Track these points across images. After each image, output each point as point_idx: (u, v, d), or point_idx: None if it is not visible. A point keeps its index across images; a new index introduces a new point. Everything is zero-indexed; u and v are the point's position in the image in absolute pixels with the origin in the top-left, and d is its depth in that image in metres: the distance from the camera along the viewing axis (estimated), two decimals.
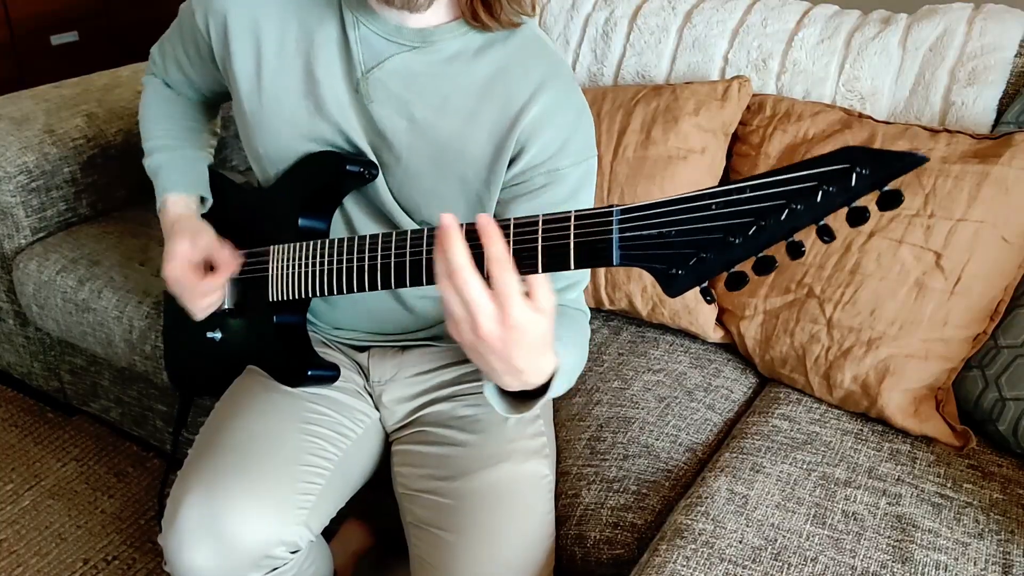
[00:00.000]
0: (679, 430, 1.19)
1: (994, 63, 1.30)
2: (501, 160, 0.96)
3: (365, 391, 1.13)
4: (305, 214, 1.00)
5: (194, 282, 1.02)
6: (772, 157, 1.33)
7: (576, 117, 0.98)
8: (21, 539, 1.52)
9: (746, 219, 0.65)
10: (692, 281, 0.68)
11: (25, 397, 1.86)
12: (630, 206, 0.70)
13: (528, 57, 0.97)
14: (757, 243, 0.65)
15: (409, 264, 0.84)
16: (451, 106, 0.96)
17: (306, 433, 1.02)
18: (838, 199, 0.62)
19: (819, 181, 0.62)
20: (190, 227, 1.05)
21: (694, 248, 0.67)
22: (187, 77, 1.15)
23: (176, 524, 0.94)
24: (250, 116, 1.02)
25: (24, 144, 1.55)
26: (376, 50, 0.96)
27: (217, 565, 0.93)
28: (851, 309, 1.21)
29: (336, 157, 0.98)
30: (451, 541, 0.97)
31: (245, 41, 1.00)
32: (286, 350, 1.05)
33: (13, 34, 2.38)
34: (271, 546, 0.94)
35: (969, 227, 1.17)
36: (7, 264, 1.61)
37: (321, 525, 1.02)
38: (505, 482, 1.00)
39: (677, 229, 0.67)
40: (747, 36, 1.45)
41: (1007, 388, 1.13)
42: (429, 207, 1.00)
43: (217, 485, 0.94)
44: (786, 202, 0.63)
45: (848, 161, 0.61)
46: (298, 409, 1.04)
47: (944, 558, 0.97)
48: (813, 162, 0.63)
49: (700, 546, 0.96)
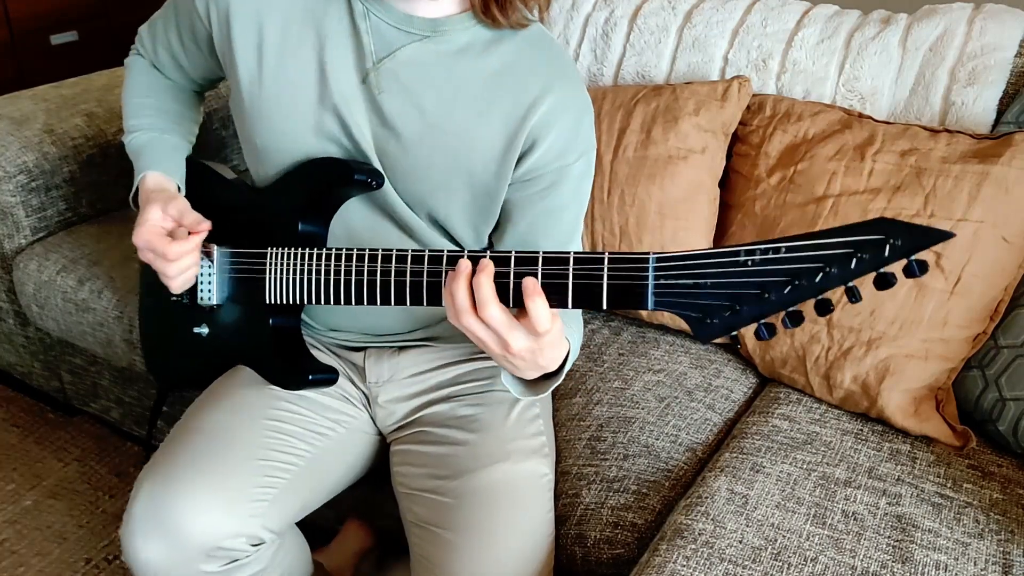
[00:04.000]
0: (679, 430, 1.19)
1: (994, 63, 1.30)
2: (511, 155, 0.97)
3: (357, 392, 1.12)
4: (305, 219, 1.00)
5: (165, 246, 0.97)
6: (772, 157, 1.33)
7: (582, 112, 1.00)
8: (23, 539, 1.52)
9: (782, 277, 0.69)
10: (724, 330, 0.73)
11: (25, 397, 1.86)
12: (666, 255, 0.74)
13: (537, 53, 0.99)
14: (790, 300, 0.70)
15: (426, 284, 0.87)
16: (461, 98, 0.97)
17: (272, 430, 1.02)
18: (870, 266, 0.67)
19: (854, 248, 0.67)
20: (163, 196, 1.02)
21: (729, 300, 0.72)
22: (176, 62, 1.12)
23: (129, 515, 0.94)
24: (249, 106, 1.00)
25: (24, 144, 1.55)
26: (387, 40, 0.96)
27: (167, 556, 0.92)
28: (851, 309, 1.21)
29: (344, 165, 0.98)
30: (451, 540, 0.97)
31: (248, 29, 0.98)
32: (282, 353, 1.04)
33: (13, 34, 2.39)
34: (220, 538, 0.93)
35: (969, 227, 1.17)
36: (7, 264, 1.61)
37: (285, 521, 1.01)
38: (505, 481, 1.00)
39: (713, 280, 0.72)
40: (747, 36, 1.45)
41: (1007, 388, 1.13)
42: (435, 199, 1.00)
43: (170, 477, 0.94)
44: (823, 265, 0.68)
45: (883, 232, 0.66)
46: (267, 407, 1.04)
47: (944, 558, 0.97)
48: (850, 229, 0.67)
49: (700, 546, 0.97)
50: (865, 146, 1.26)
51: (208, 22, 1.01)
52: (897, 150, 1.24)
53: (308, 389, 1.06)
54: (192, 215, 1.00)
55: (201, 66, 1.11)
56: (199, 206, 1.06)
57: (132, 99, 1.14)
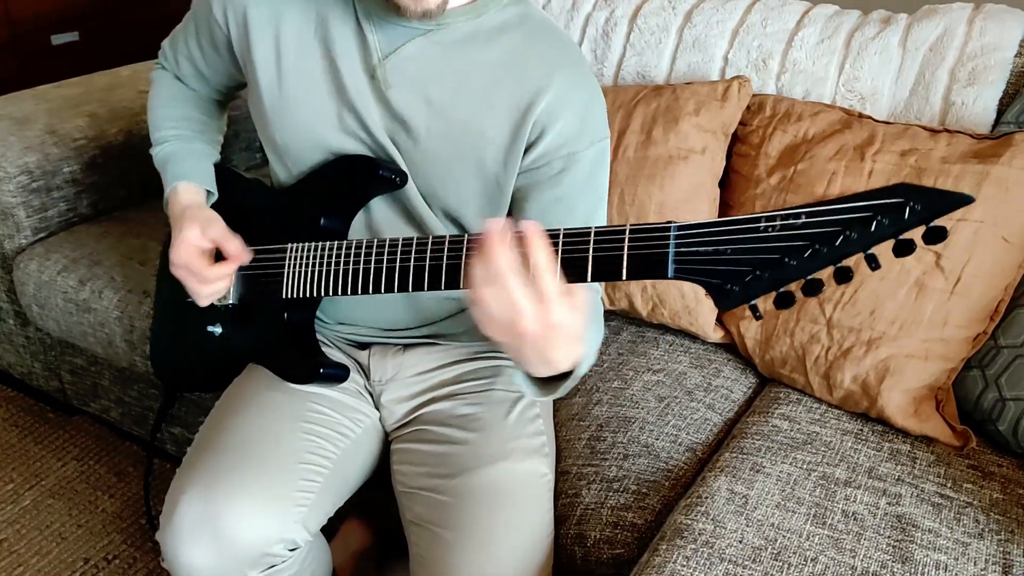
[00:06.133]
0: (679, 430, 1.19)
1: (994, 63, 1.30)
2: (518, 144, 0.98)
3: (365, 391, 1.13)
4: (328, 214, 1.01)
5: (201, 267, 1.02)
6: (772, 157, 1.33)
7: (590, 99, 1.00)
8: (22, 538, 1.52)
9: (802, 242, 0.69)
10: (744, 297, 0.72)
11: (25, 397, 1.86)
12: (688, 223, 0.74)
13: (541, 41, 0.99)
14: (810, 266, 0.69)
15: (446, 268, 0.86)
16: (467, 87, 0.97)
17: (305, 432, 1.03)
18: (889, 230, 0.67)
19: (874, 212, 0.67)
20: (201, 215, 1.05)
21: (750, 266, 0.71)
22: (198, 71, 1.15)
23: (174, 522, 0.94)
24: (269, 107, 1.02)
25: (25, 144, 1.55)
26: (391, 37, 0.97)
27: (215, 563, 0.93)
28: (851, 309, 1.21)
29: (370, 162, 0.99)
30: (450, 539, 0.97)
31: (265, 32, 1.01)
32: (295, 348, 1.05)
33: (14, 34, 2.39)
34: (269, 544, 0.94)
35: (969, 227, 1.17)
36: (8, 264, 1.61)
37: (319, 524, 1.02)
38: (504, 480, 1.00)
39: (733, 247, 0.72)
40: (747, 36, 1.45)
41: (1007, 388, 1.13)
42: (446, 190, 1.01)
43: (215, 483, 0.94)
44: (842, 229, 0.67)
45: (902, 196, 0.66)
46: (298, 408, 1.04)
47: (944, 558, 0.97)
48: (870, 194, 0.67)
49: (700, 546, 0.97)
50: (865, 146, 1.26)
51: (226, 26, 1.03)
52: (897, 150, 1.24)
53: (318, 383, 1.06)
54: (233, 242, 1.03)
55: (222, 72, 1.13)
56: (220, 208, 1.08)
57: (156, 111, 1.17)
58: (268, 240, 1.04)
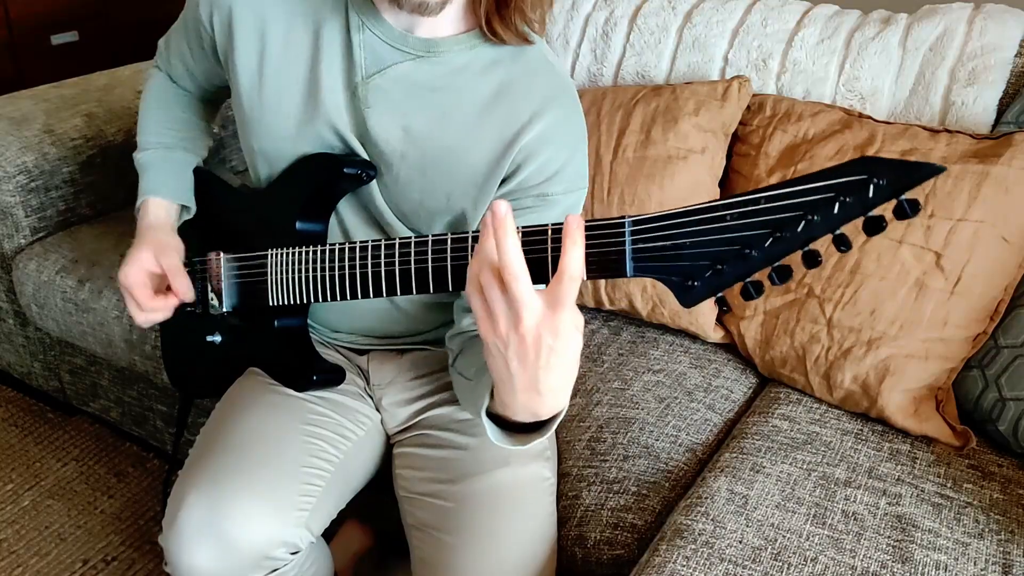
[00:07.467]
0: (679, 430, 1.19)
1: (994, 63, 1.30)
2: (494, 177, 0.95)
3: (366, 393, 1.13)
4: (302, 217, 1.00)
5: (142, 296, 1.01)
6: (772, 157, 1.33)
7: (575, 144, 0.97)
8: (21, 539, 1.52)
9: (762, 230, 0.65)
10: (708, 292, 0.68)
11: (25, 397, 1.86)
12: (642, 217, 0.69)
13: (534, 76, 0.97)
14: (773, 254, 0.65)
15: (432, 271, 0.81)
16: (451, 120, 0.95)
17: (308, 435, 1.02)
18: (855, 209, 0.62)
19: (836, 192, 0.62)
20: (159, 241, 1.04)
21: (710, 260, 0.67)
22: (189, 71, 1.14)
23: (177, 524, 0.94)
24: (248, 112, 1.01)
25: (24, 144, 1.55)
26: (379, 56, 0.95)
27: (218, 566, 0.92)
28: (851, 309, 1.21)
29: (333, 159, 0.98)
30: (452, 543, 0.97)
31: (250, 37, 0.99)
32: (289, 353, 1.04)
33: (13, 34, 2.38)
34: (272, 547, 0.94)
35: (969, 227, 1.17)
36: (7, 264, 1.61)
37: (322, 526, 1.02)
38: (506, 485, 1.00)
39: (692, 240, 0.67)
40: (747, 36, 1.45)
41: (1007, 388, 1.13)
42: (416, 217, 1.00)
43: (218, 485, 0.94)
44: (803, 213, 0.63)
45: (865, 172, 0.61)
46: (300, 410, 1.04)
47: (944, 558, 0.97)
48: (830, 172, 0.62)
49: (700, 546, 0.96)
50: (865, 146, 1.26)
51: (211, 27, 1.02)
52: (897, 150, 1.24)
53: (315, 389, 1.06)
54: (180, 279, 1.02)
55: (211, 72, 1.12)
56: (204, 214, 1.07)
57: (144, 113, 1.17)
58: (250, 246, 1.03)
